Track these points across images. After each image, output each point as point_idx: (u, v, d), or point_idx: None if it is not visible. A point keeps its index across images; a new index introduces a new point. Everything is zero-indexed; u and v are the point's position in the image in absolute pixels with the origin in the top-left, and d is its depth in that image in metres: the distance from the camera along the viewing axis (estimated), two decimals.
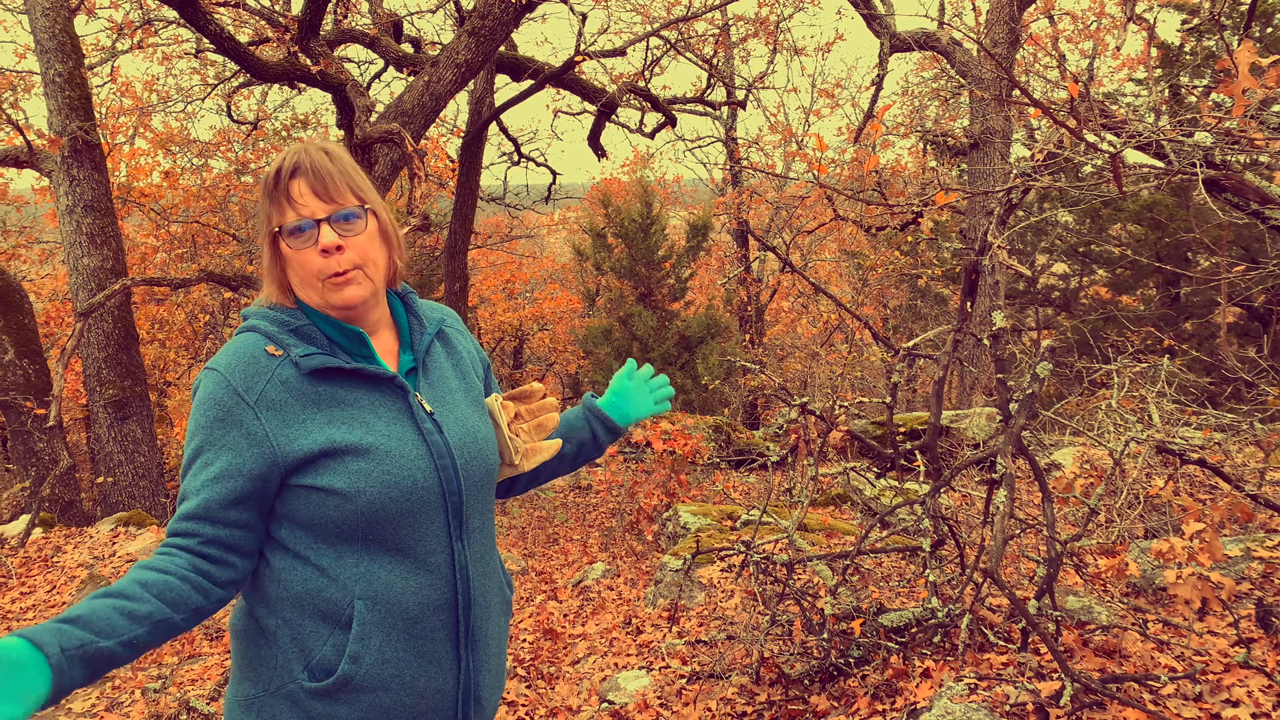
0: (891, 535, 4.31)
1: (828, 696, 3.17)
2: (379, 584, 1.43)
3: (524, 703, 3.97)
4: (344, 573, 1.42)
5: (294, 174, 1.44)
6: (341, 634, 1.43)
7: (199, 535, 1.37)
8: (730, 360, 13.99)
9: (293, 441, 1.39)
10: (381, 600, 1.44)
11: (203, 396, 1.41)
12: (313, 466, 1.40)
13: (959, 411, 8.17)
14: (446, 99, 8.20)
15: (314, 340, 1.47)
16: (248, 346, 1.44)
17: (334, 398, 1.44)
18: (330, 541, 1.43)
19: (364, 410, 1.45)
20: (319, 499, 1.40)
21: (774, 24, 12.84)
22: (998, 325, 2.93)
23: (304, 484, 1.40)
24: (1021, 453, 2.91)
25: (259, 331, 1.46)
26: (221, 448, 1.38)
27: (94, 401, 8.80)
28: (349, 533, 1.42)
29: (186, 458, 1.42)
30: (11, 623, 5.93)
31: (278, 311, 1.49)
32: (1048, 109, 1.98)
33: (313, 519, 1.41)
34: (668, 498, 7.14)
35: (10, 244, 14.15)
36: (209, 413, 1.40)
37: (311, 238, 1.44)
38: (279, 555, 1.44)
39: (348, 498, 1.39)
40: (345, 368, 1.45)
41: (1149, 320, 11.03)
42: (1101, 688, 2.46)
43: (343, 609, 1.42)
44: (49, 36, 8.66)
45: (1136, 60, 12.85)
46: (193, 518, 1.37)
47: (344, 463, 1.40)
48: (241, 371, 1.41)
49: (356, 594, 1.42)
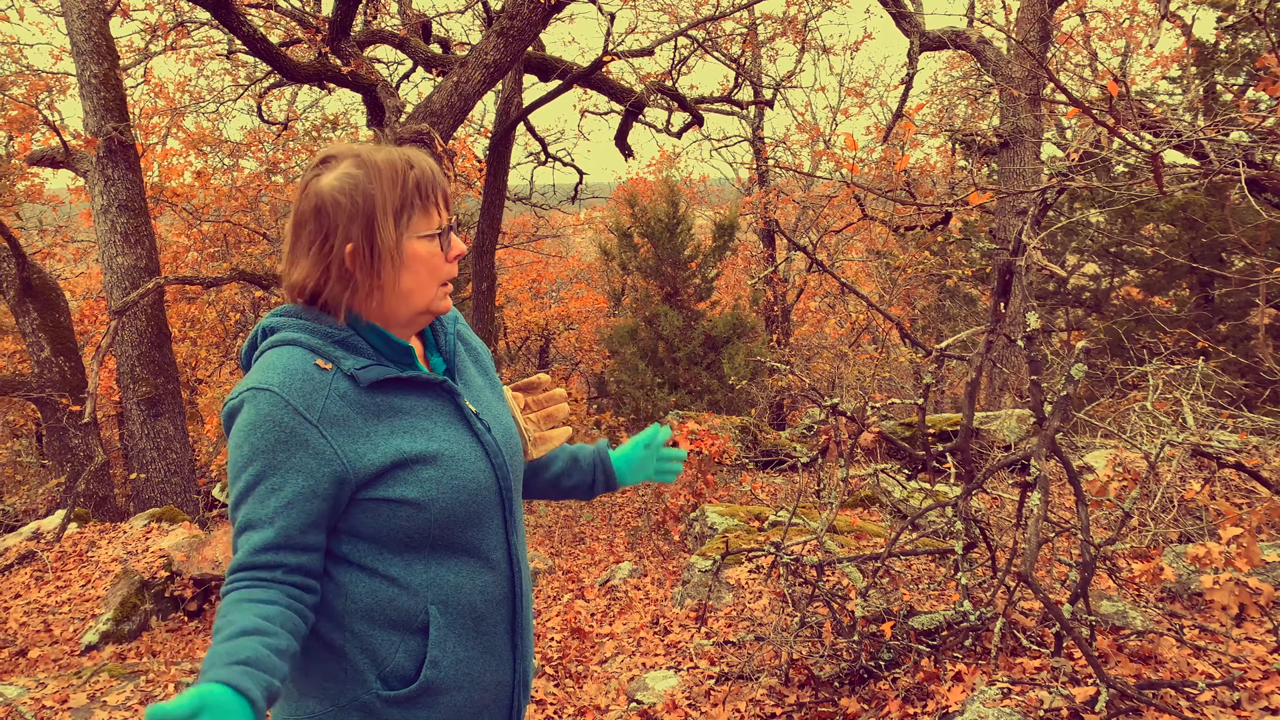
0: (922, 537, 4.28)
1: (858, 699, 3.15)
2: (449, 587, 1.44)
3: (552, 701, 3.98)
4: (414, 580, 1.42)
5: (436, 179, 1.44)
6: (414, 640, 1.43)
7: (283, 565, 1.34)
8: (758, 360, 13.95)
9: (362, 457, 1.37)
10: (453, 603, 1.45)
11: (255, 418, 1.34)
12: (383, 479, 1.38)
13: (988, 413, 8.10)
14: (475, 99, 8.23)
15: (362, 351, 1.43)
16: (296, 362, 1.38)
17: (392, 407, 1.43)
18: (398, 551, 1.42)
19: (421, 417, 1.45)
20: (390, 510, 1.39)
21: (802, 23, 12.80)
22: (1032, 326, 2.90)
23: (374, 497, 1.38)
24: (1056, 455, 2.88)
25: (301, 345, 1.41)
26: (289, 471, 1.33)
27: (127, 399, 8.91)
28: (419, 541, 1.42)
29: (243, 484, 1.35)
30: (47, 615, 6.03)
31: (313, 322, 1.43)
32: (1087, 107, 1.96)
33: (380, 530, 1.40)
34: (694, 498, 7.13)
35: (46, 243, 14.37)
36: (268, 435, 1.33)
37: (444, 245, 1.44)
38: (342, 570, 1.42)
39: (421, 507, 1.39)
40: (401, 377, 1.43)
41: (1183, 321, 10.89)
42: (1138, 694, 2.43)
43: (415, 616, 1.42)
44: (85, 38, 8.78)
45: (1170, 58, 12.70)
46: (273, 548, 1.33)
47: (414, 472, 1.39)
48: (298, 389, 1.36)
49: (429, 600, 1.43)
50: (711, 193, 23.34)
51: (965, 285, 16.20)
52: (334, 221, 1.40)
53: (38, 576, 6.46)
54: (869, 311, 16.87)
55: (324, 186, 1.41)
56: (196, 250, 13.49)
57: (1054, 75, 1.86)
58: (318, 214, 1.41)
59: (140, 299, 7.76)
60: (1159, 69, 13.23)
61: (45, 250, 14.02)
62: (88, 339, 12.03)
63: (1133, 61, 13.48)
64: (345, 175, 1.41)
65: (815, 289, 19.75)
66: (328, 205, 1.40)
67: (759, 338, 15.69)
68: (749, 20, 12.79)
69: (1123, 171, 11.55)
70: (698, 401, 14.36)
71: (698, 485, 7.21)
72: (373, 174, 1.40)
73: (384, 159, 1.42)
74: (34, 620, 5.94)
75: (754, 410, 15.27)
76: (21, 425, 13.11)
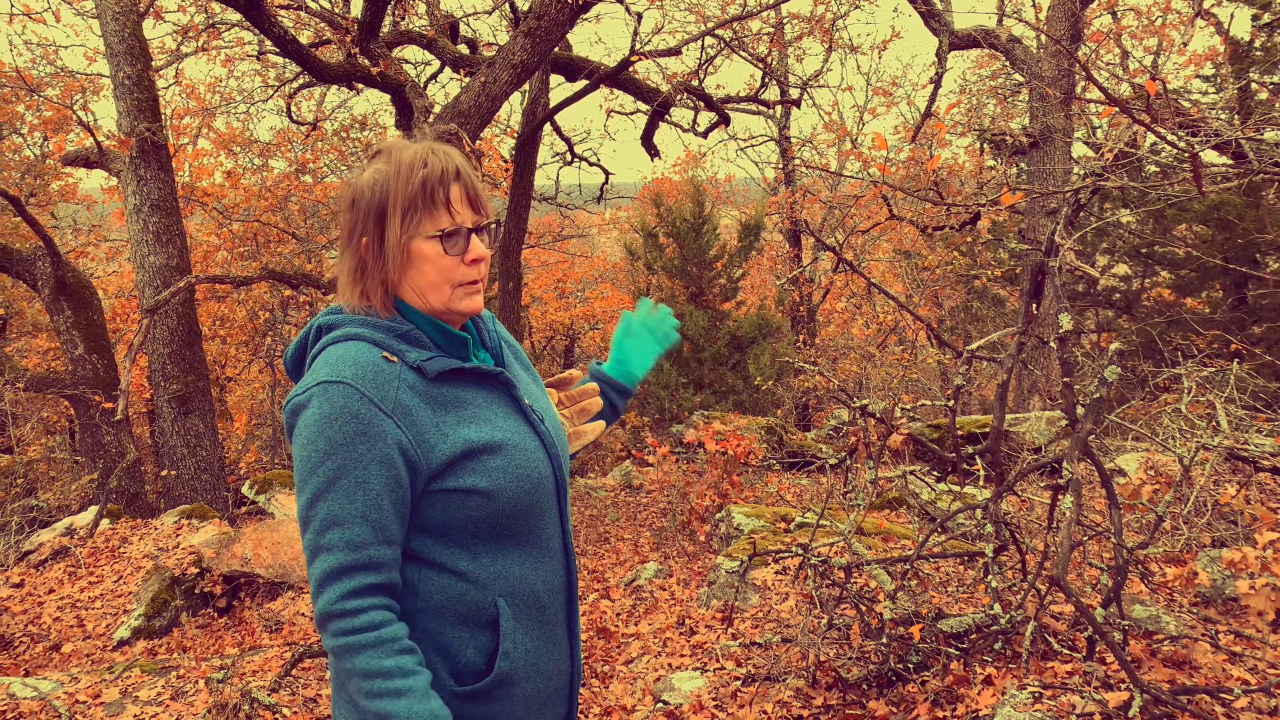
0: (951, 540, 4.25)
1: (886, 702, 3.13)
2: (514, 578, 1.46)
3: (578, 701, 3.98)
4: (483, 573, 1.43)
5: (456, 178, 1.43)
6: (484, 635, 1.44)
7: (384, 563, 1.35)
8: (785, 361, 13.90)
9: (434, 447, 1.37)
10: (519, 594, 1.46)
11: (330, 411, 1.33)
12: (454, 469, 1.39)
13: (1017, 415, 8.03)
14: (502, 99, 8.25)
15: (423, 344, 1.45)
16: (365, 355, 1.38)
17: (456, 399, 1.44)
18: (465, 544, 1.43)
19: (482, 408, 1.46)
20: (460, 501, 1.39)
21: (830, 22, 12.74)
22: (1065, 328, 2.87)
23: (445, 488, 1.39)
24: (1088, 458, 2.85)
25: (365, 339, 1.41)
26: (371, 463, 1.33)
27: (158, 396, 9.02)
28: (486, 532, 1.43)
29: (322, 479, 1.33)
30: (80, 610, 6.11)
31: (375, 317, 1.44)
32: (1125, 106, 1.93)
33: (450, 523, 1.41)
34: (720, 498, 7.11)
35: (80, 242, 14.57)
36: (345, 427, 1.32)
37: (460, 246, 1.43)
38: (411, 568, 1.42)
39: (490, 496, 1.40)
40: (464, 368, 1.45)
41: (1217, 323, 10.74)
42: (1172, 699, 2.40)
43: (485, 610, 1.44)
44: (119, 40, 8.88)
45: (1204, 56, 12.52)
46: (370, 544, 1.33)
47: (482, 461, 1.40)
48: (371, 380, 1.35)
49: (497, 592, 1.44)
50: (737, 192, 23.29)
51: (994, 286, 16.07)
52: (358, 214, 1.44)
53: (71, 572, 6.55)
54: (896, 312, 16.78)
55: (359, 180, 1.45)
56: (226, 249, 13.63)
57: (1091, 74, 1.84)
58: (351, 207, 1.45)
59: (171, 297, 7.84)
60: (1192, 67, 13.06)
61: (79, 249, 14.22)
62: (120, 337, 12.18)
63: (1165, 59, 13.32)
64: (375, 170, 1.44)
65: (841, 289, 19.65)
66: (357, 199, 1.44)
67: (785, 338, 15.63)
68: (776, 19, 12.74)
69: (1155, 171, 11.41)
70: (723, 402, 14.33)
71: (723, 486, 7.20)
72: (393, 170, 1.42)
73: (407, 156, 1.43)
74: (67, 615, 6.02)
75: (780, 411, 15.22)
76: (55, 422, 13.30)
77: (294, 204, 13.87)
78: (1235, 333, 10.11)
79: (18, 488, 9.96)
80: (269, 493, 7.86)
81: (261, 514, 8.23)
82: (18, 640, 5.67)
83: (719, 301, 15.54)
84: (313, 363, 1.43)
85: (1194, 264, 11.78)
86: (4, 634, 5.69)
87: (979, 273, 14.79)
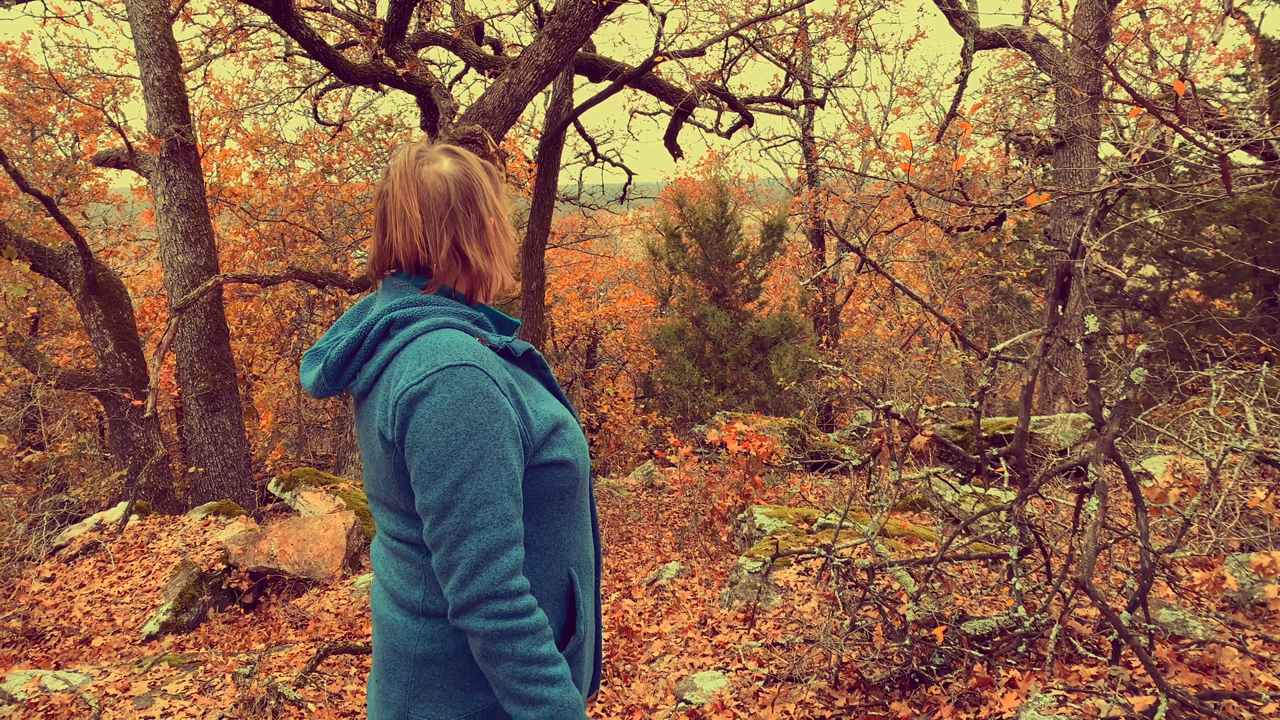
0: (974, 542, 4.23)
1: (909, 703, 3.13)
2: (576, 548, 1.53)
3: (600, 699, 4.00)
4: (558, 545, 1.49)
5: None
6: (561, 605, 1.51)
7: (522, 539, 1.40)
8: (808, 362, 13.86)
9: (531, 424, 1.43)
10: (582, 561, 1.54)
11: (464, 394, 1.34)
12: (548, 443, 1.44)
13: (1042, 417, 7.98)
14: (526, 100, 8.28)
15: (491, 329, 1.52)
16: (470, 340, 1.42)
17: (523, 379, 1.50)
18: (542, 521, 1.47)
19: (540, 387, 1.54)
20: (550, 474, 1.45)
21: (854, 21, 12.68)
22: (1091, 329, 2.85)
23: (540, 463, 1.43)
24: (1114, 460, 2.83)
25: (457, 327, 1.45)
26: (508, 441, 1.36)
27: (186, 394, 9.12)
28: (563, 504, 1.49)
29: (467, 459, 1.34)
30: (110, 605, 6.19)
31: (450, 304, 1.48)
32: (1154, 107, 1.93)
33: (538, 497, 1.45)
34: (742, 499, 7.11)
35: (110, 241, 14.76)
36: (481, 407, 1.35)
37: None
38: None
39: (572, 467, 1.47)
40: (528, 350, 1.54)
41: (1246, 325, 10.61)
42: (1199, 704, 2.38)
43: (561, 582, 1.50)
44: (149, 42, 8.99)
45: (1234, 55, 12.38)
46: (517, 519, 1.37)
47: (562, 435, 1.47)
48: (489, 363, 1.39)
49: (570, 561, 1.51)
50: (760, 193, 23.25)
51: (1019, 287, 15.95)
52: (450, 206, 1.54)
53: (101, 567, 6.64)
54: (920, 313, 16.69)
55: (442, 173, 1.57)
56: (253, 249, 13.76)
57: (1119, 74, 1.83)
58: (445, 201, 1.55)
59: (200, 296, 7.93)
60: (1221, 66, 12.91)
61: (109, 248, 14.40)
62: (149, 335, 12.33)
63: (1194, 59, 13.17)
64: (453, 164, 1.56)
65: (865, 290, 19.57)
66: (448, 192, 1.56)
67: (807, 339, 15.59)
68: (800, 19, 12.71)
69: (1183, 171, 11.29)
70: (745, 402, 14.32)
71: (745, 486, 7.19)
72: (472, 163, 1.57)
73: (469, 155, 1.58)
74: (97, 609, 6.11)
75: (802, 412, 15.18)
76: (86, 419, 13.47)
77: (320, 204, 13.98)
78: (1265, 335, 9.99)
79: (49, 483, 10.11)
80: (295, 490, 7.93)
81: (287, 511, 8.31)
82: (49, 634, 5.76)
83: (741, 302, 15.52)
84: (395, 357, 1.43)
85: (1223, 265, 11.64)
86: (36, 627, 5.78)
87: (1004, 274, 14.68)
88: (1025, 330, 13.99)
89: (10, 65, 12.30)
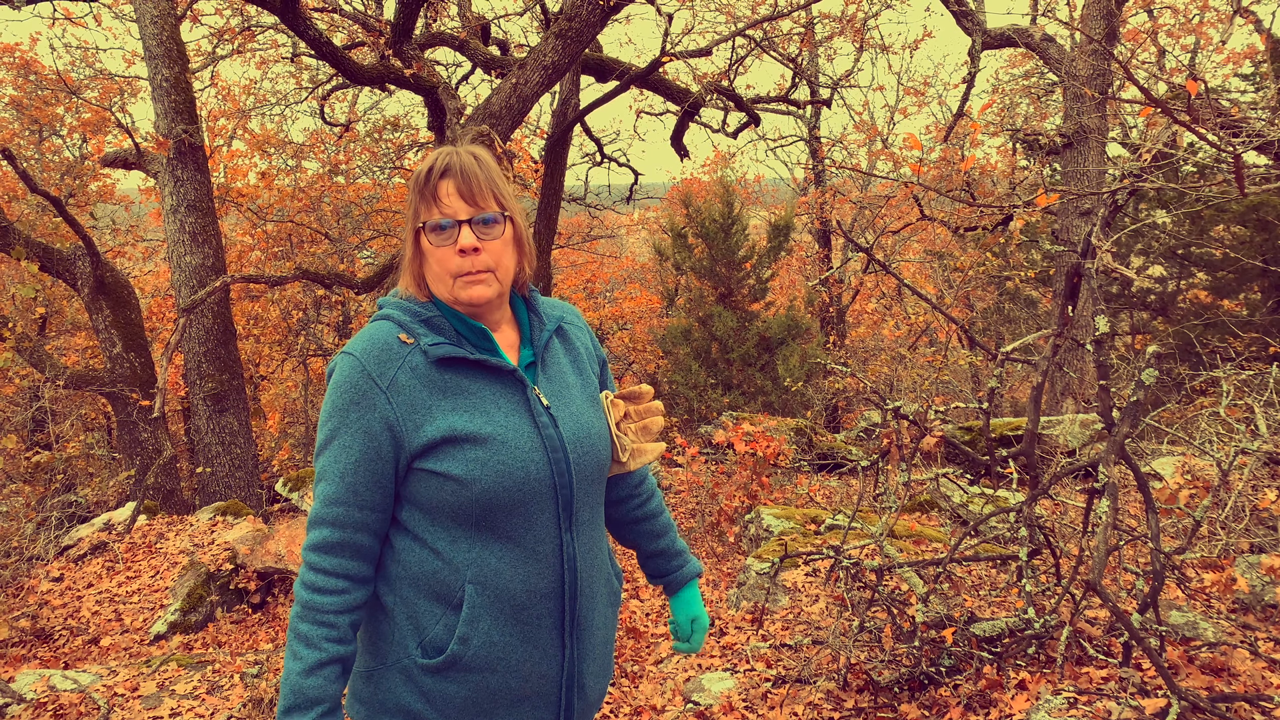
0: (983, 543, 4.22)
1: (918, 705, 3.12)
2: (489, 570, 1.49)
3: (608, 700, 3.99)
4: (457, 557, 1.49)
5: (444, 174, 1.52)
6: (453, 615, 1.49)
7: (352, 523, 1.47)
8: (815, 362, 13.83)
9: (419, 427, 1.46)
10: (491, 585, 1.49)
11: (338, 380, 1.48)
12: (434, 452, 1.46)
13: (1050, 418, 7.95)
14: (533, 101, 8.28)
15: (443, 331, 1.53)
16: (381, 333, 1.51)
17: (458, 387, 1.50)
18: (446, 526, 1.49)
19: (485, 401, 1.51)
20: (438, 484, 1.46)
21: (861, 21, 12.66)
22: (1101, 330, 2.84)
23: (425, 468, 1.47)
24: (1125, 461, 2.82)
25: (392, 320, 1.54)
26: (357, 431, 1.45)
27: (194, 394, 9.13)
28: (464, 518, 1.48)
29: (323, 436, 1.49)
30: (118, 605, 6.21)
31: (411, 303, 1.56)
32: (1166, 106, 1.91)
33: (431, 503, 1.48)
34: (749, 500, 7.10)
35: (118, 242, 14.79)
36: (344, 395, 1.46)
37: (452, 237, 1.50)
38: (400, 536, 1.52)
39: (464, 484, 1.45)
40: (470, 358, 1.51)
41: (1255, 326, 10.57)
42: (1210, 706, 2.37)
43: (454, 591, 1.49)
44: (157, 43, 9.01)
45: (1243, 54, 12.34)
46: (341, 503, 1.46)
47: (462, 450, 1.46)
48: (375, 356, 1.48)
49: (468, 578, 1.48)
50: (766, 193, 23.21)
51: (1027, 287, 15.90)
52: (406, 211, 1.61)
53: (109, 567, 6.65)
54: (928, 313, 16.65)
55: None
56: (260, 249, 13.78)
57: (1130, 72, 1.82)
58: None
59: (207, 297, 7.95)
60: (1230, 65, 12.86)
61: (117, 249, 14.44)
62: (156, 335, 12.35)
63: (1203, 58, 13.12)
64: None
65: (872, 290, 19.53)
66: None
67: (814, 339, 15.55)
68: (806, 19, 12.69)
69: (1191, 171, 11.25)
70: (751, 403, 14.28)
71: (752, 487, 7.18)
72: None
73: (429, 157, 1.57)
74: (105, 609, 6.12)
75: (809, 412, 15.15)
76: (94, 419, 13.50)
77: (327, 205, 14.00)
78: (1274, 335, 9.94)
79: (57, 483, 10.13)
80: (302, 490, 7.94)
81: (295, 511, 8.31)
82: (57, 633, 5.78)
83: (748, 302, 15.49)
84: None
85: (1232, 265, 11.59)
86: (44, 627, 5.79)
87: (1012, 274, 14.65)
88: (1033, 331, 13.94)
89: (19, 66, 12.36)
